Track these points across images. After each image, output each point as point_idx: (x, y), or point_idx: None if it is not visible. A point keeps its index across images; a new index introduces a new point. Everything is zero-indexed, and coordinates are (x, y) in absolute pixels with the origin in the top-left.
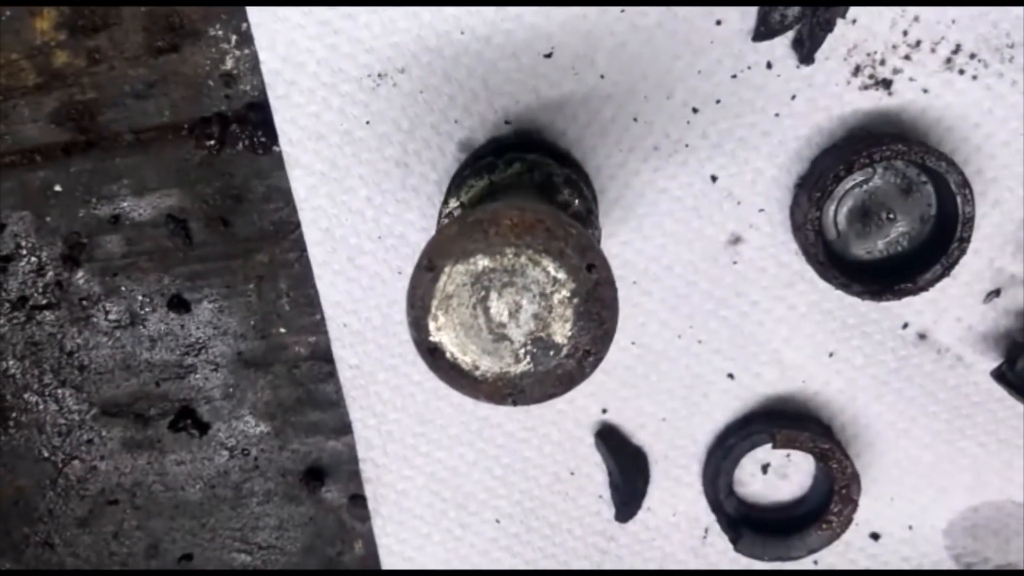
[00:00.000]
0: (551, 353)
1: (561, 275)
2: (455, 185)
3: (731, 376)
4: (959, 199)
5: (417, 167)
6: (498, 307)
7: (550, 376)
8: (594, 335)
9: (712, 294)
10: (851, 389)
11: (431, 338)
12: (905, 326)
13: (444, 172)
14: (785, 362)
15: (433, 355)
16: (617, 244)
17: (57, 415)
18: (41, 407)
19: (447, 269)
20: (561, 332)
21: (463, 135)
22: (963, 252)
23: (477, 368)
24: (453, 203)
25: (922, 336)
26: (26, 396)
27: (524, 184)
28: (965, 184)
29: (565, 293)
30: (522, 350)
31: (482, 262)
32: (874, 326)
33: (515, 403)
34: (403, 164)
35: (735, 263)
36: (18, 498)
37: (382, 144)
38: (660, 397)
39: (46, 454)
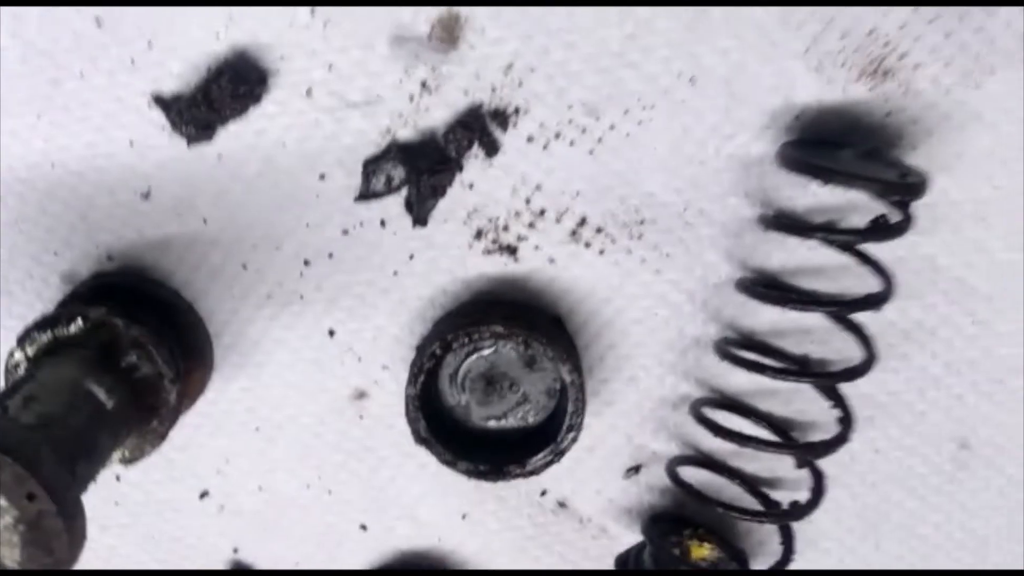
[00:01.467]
0: None
1: (3, 503)
2: (21, 336)
3: (364, 527)
4: (567, 387)
5: (21, 296)
6: None
7: None
8: (43, 563)
9: (340, 446)
10: (487, 552)
11: None
12: (544, 493)
13: (50, 301)
14: (419, 518)
15: None
16: (237, 389)
17: None
18: None
19: None
20: (10, 557)
21: (65, 267)
22: (574, 440)
23: None
24: (18, 355)
25: (562, 504)
26: None
27: (88, 343)
28: (574, 370)
29: (8, 520)
30: None
31: None
32: (511, 490)
33: None
34: (7, 292)
35: (361, 417)
36: None
37: None
38: (292, 542)
39: None
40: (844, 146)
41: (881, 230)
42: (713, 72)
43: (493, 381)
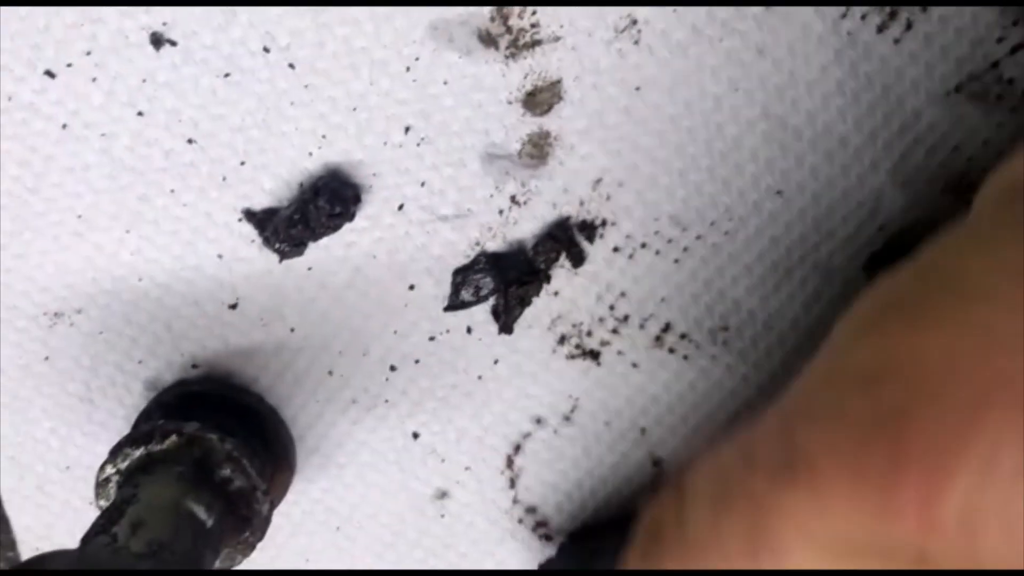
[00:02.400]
0: None
1: None
2: (113, 451)
3: None
4: None
5: (103, 403)
6: None
7: None
8: None
9: (420, 544)
10: None
11: None
12: None
13: (132, 408)
14: None
15: None
16: (318, 490)
17: None
18: None
19: None
20: None
21: (149, 374)
22: None
23: None
24: (110, 469)
25: None
26: None
27: (182, 458)
28: None
29: None
30: None
31: None
32: None
33: None
34: (88, 400)
35: (442, 516)
36: None
37: (63, 379)
38: None
39: None
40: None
41: None
42: (802, 187)
43: None
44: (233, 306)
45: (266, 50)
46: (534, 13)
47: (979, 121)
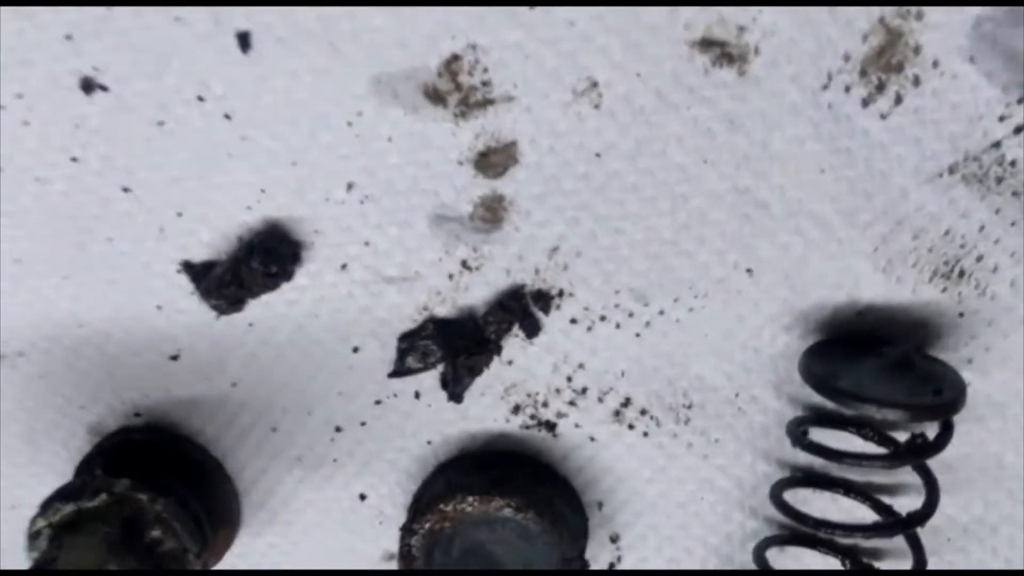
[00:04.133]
0: None
1: None
2: (44, 504)
3: None
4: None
5: (47, 445)
6: None
7: None
8: None
9: None
10: None
11: None
12: None
13: (76, 451)
14: None
15: None
16: (265, 545)
17: None
18: None
19: None
20: None
21: (92, 419)
22: None
23: None
24: (40, 523)
25: None
26: None
27: (111, 518)
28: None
29: None
30: None
31: None
32: None
33: None
34: (31, 441)
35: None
36: None
37: (8, 421)
38: None
39: None
40: (877, 349)
41: (916, 450)
42: (772, 265)
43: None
44: (174, 357)
45: (201, 99)
46: (485, 71)
47: (975, 204)
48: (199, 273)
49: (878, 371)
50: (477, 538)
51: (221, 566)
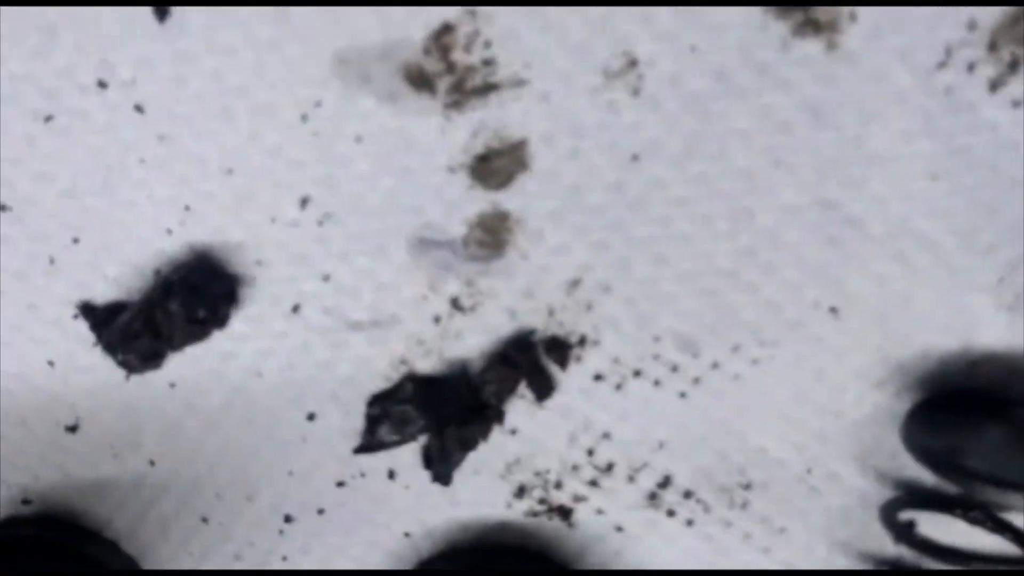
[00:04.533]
0: None
1: None
2: None
3: None
4: None
5: None
6: None
7: None
8: None
9: None
10: None
11: None
12: None
13: None
14: None
15: None
16: None
17: None
18: None
19: None
20: None
21: None
22: None
23: None
24: None
25: None
26: None
27: None
28: None
29: None
30: None
31: None
32: None
33: None
34: None
35: None
36: None
37: None
38: None
39: None
40: (1001, 412)
41: None
42: (863, 302)
43: None
44: (72, 428)
45: (102, 85)
46: (487, 45)
47: None
48: (101, 319)
49: (1009, 442)
50: None
51: None
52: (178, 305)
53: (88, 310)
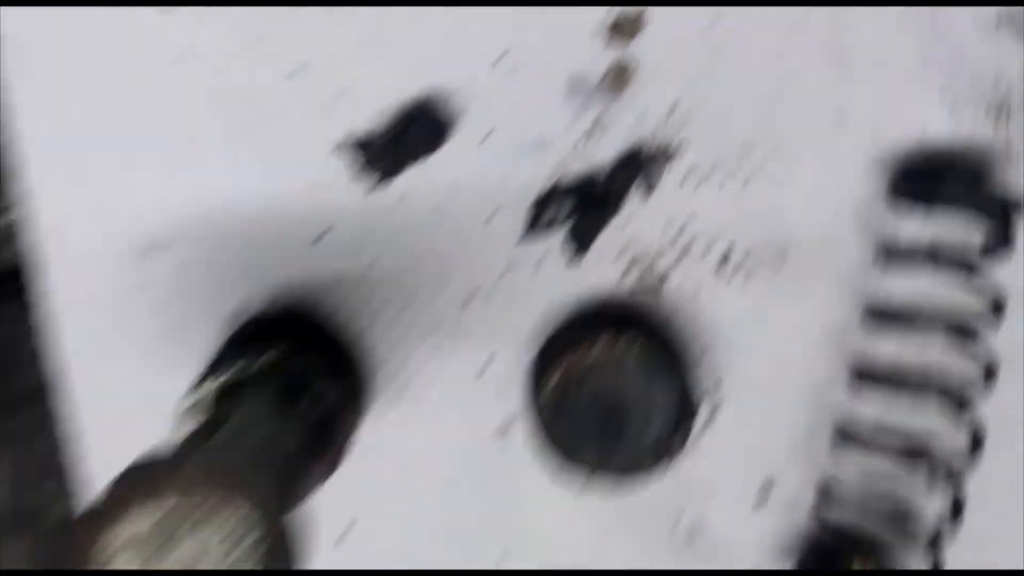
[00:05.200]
0: None
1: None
2: (211, 367)
3: (504, 553)
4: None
5: (186, 336)
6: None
7: None
8: None
9: (483, 475)
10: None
11: None
12: (679, 520)
13: (214, 341)
14: (555, 546)
15: None
16: (388, 423)
17: None
18: None
19: None
20: None
21: (231, 309)
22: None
23: None
24: (205, 388)
25: (696, 531)
26: None
27: (270, 381)
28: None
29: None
30: None
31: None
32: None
33: None
34: (170, 334)
35: (504, 449)
36: None
37: (152, 312)
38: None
39: None
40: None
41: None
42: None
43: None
44: (317, 239)
45: None
46: None
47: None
48: (354, 150)
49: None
50: (602, 384)
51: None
52: (416, 131)
53: (343, 146)
